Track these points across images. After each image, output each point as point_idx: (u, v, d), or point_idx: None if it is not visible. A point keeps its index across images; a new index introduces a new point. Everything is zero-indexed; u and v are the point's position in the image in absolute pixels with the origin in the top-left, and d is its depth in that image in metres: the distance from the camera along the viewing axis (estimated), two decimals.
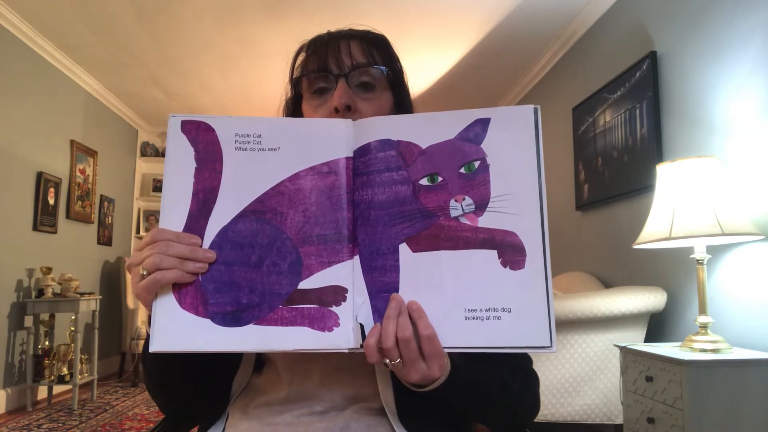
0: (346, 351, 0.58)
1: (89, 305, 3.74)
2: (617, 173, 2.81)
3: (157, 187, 5.55)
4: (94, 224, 4.52)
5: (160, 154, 5.56)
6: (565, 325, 2.20)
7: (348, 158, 0.63)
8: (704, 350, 1.72)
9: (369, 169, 0.62)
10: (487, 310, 0.58)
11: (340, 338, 0.58)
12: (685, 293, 2.23)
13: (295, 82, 0.81)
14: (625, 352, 1.99)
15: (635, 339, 2.25)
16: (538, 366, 1.66)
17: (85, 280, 4.24)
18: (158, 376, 0.74)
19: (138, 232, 5.51)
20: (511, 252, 0.59)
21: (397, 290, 0.59)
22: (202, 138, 0.63)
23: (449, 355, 0.61)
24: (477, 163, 0.61)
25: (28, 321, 3.49)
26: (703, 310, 1.80)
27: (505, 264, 0.59)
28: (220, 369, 0.76)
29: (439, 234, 0.60)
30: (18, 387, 3.41)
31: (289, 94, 0.84)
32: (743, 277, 1.93)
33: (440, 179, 0.61)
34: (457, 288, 0.59)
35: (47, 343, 3.57)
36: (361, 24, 0.82)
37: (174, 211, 0.61)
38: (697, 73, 2.21)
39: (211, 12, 3.27)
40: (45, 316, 3.59)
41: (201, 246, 0.60)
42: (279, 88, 0.86)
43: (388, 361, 0.58)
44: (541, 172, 0.60)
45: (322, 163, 0.63)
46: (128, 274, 1.85)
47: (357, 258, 0.60)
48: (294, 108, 0.83)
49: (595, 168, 3.06)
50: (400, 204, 0.61)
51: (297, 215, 0.61)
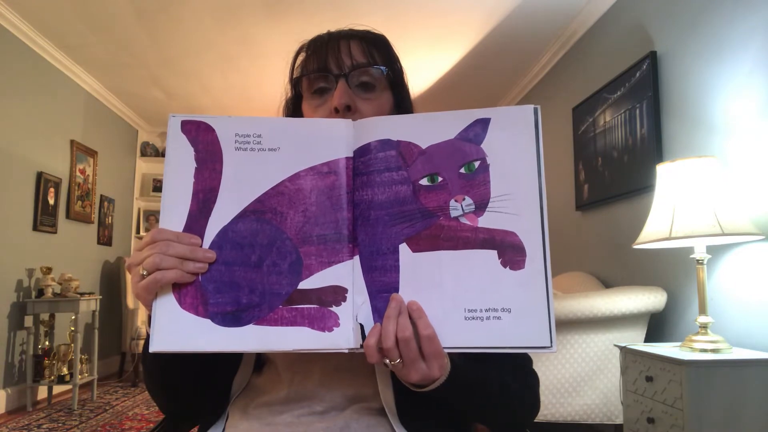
0: (346, 351, 0.58)
1: (89, 305, 3.74)
2: (617, 173, 2.81)
3: (157, 187, 5.55)
4: (94, 224, 4.52)
5: (160, 154, 5.56)
6: (565, 325, 2.20)
7: (348, 158, 0.63)
8: (704, 350, 1.72)
9: (369, 169, 0.62)
10: (487, 310, 0.58)
11: (340, 338, 0.58)
12: (685, 293, 2.23)
13: (295, 82, 0.81)
14: (625, 352, 1.99)
15: (635, 339, 2.25)
16: (538, 366, 1.66)
17: (85, 280, 4.24)
18: (158, 376, 0.74)
19: (138, 232, 5.51)
20: (511, 252, 0.59)
21: (397, 290, 0.59)
22: (202, 138, 0.63)
23: (449, 355, 0.61)
24: (477, 163, 0.61)
25: (28, 321, 3.49)
26: (703, 310, 1.80)
27: (505, 264, 0.59)
28: (220, 369, 0.76)
29: (439, 234, 0.60)
30: (18, 387, 3.41)
31: (289, 94, 0.84)
32: (743, 277, 1.93)
33: (440, 179, 0.61)
34: (457, 288, 0.59)
35: (47, 343, 3.57)
36: (361, 24, 0.82)
37: (174, 211, 0.61)
38: (697, 73, 2.21)
39: (211, 12, 3.27)
40: (45, 316, 3.59)
41: (201, 246, 0.60)
42: (279, 88, 0.86)
43: (388, 361, 0.58)
44: (541, 172, 0.60)
45: (322, 163, 0.63)
46: (128, 274, 1.85)
47: (357, 258, 0.60)
48: (294, 108, 0.83)
49: (595, 168, 3.06)
50: (400, 204, 0.61)
51: (297, 215, 0.61)
